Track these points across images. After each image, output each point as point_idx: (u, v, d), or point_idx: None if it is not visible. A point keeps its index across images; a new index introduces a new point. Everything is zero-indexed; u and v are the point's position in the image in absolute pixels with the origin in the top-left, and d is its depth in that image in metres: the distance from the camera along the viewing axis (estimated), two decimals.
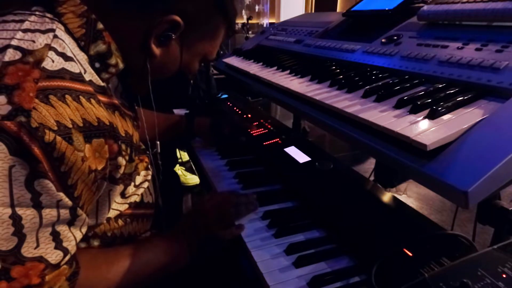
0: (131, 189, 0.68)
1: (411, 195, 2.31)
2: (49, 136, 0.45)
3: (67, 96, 0.48)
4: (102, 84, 0.59)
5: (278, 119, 1.37)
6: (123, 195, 0.67)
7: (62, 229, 0.50)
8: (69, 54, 0.52)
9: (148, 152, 0.82)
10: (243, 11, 6.00)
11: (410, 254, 0.61)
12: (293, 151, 1.05)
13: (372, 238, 0.67)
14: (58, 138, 0.46)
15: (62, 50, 0.51)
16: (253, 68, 1.14)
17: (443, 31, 0.78)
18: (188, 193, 2.24)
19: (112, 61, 0.60)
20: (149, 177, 0.76)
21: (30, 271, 0.46)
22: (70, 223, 0.52)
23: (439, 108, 0.54)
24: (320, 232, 0.72)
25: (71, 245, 0.52)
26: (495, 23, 0.69)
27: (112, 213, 0.65)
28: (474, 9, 0.72)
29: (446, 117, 0.54)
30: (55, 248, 0.49)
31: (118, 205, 0.66)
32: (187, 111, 1.54)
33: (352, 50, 0.94)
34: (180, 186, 2.13)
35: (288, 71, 0.99)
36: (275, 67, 1.06)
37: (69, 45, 0.53)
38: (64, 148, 0.46)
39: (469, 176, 0.43)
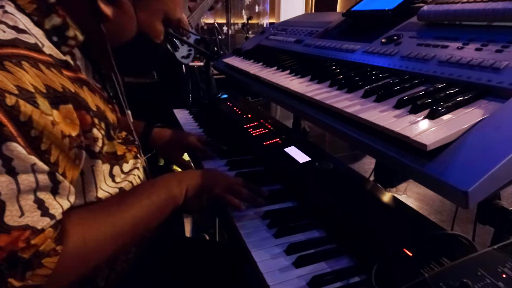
0: (119, 173, 0.69)
1: (411, 195, 2.31)
2: (10, 99, 0.45)
3: (23, 62, 0.48)
4: (64, 58, 0.58)
5: (278, 119, 1.37)
6: (112, 176, 0.67)
7: (46, 197, 0.50)
8: (22, 27, 0.52)
9: (136, 142, 0.83)
10: (243, 11, 6.00)
11: (410, 254, 0.61)
12: (293, 151, 1.05)
13: (372, 238, 0.67)
14: (21, 102, 0.46)
15: (13, 23, 0.51)
16: (253, 68, 1.14)
17: (443, 31, 0.78)
18: None
19: (70, 33, 0.60)
20: (139, 165, 0.77)
21: (16, 239, 0.46)
22: (54, 191, 0.51)
23: (439, 108, 0.54)
24: (320, 232, 0.72)
25: (57, 212, 0.51)
26: (495, 23, 0.69)
27: (101, 194, 0.64)
28: (474, 9, 0.72)
29: (446, 117, 0.54)
30: (42, 215, 0.49)
31: (108, 188, 0.66)
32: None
33: (352, 50, 0.94)
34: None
35: (288, 71, 0.99)
36: (275, 67, 1.06)
37: (22, 20, 0.53)
38: (30, 111, 0.46)
39: (469, 176, 0.43)
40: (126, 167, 0.72)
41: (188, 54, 2.46)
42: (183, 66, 2.49)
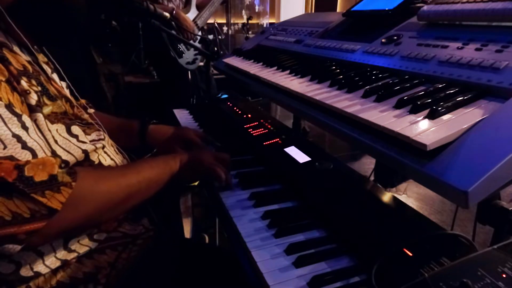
0: (82, 133, 0.73)
1: (411, 195, 2.31)
2: None
3: None
4: None
5: (278, 119, 1.37)
6: (74, 136, 0.71)
7: (22, 133, 0.56)
8: None
9: (100, 125, 0.87)
10: (243, 11, 6.00)
11: (410, 254, 0.61)
12: (293, 151, 1.05)
13: (372, 238, 0.67)
14: None
15: None
16: (253, 68, 1.14)
17: (443, 31, 0.78)
18: (188, 193, 2.24)
19: None
20: (103, 137, 0.82)
21: (4, 166, 0.51)
22: (23, 126, 0.57)
23: (439, 108, 0.54)
24: (320, 232, 0.72)
25: (34, 145, 0.57)
26: (495, 23, 0.69)
27: (62, 153, 0.67)
28: (474, 9, 0.72)
29: (446, 117, 0.54)
30: (22, 148, 0.55)
31: (72, 146, 0.70)
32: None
33: (352, 50, 0.94)
34: (178, 186, 2.13)
35: (288, 71, 0.99)
36: (275, 67, 1.06)
37: None
38: None
39: (469, 176, 0.43)
40: (89, 138, 0.76)
41: (194, 59, 2.43)
42: (189, 72, 2.47)
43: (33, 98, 0.62)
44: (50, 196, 0.55)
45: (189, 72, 2.47)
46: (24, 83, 0.61)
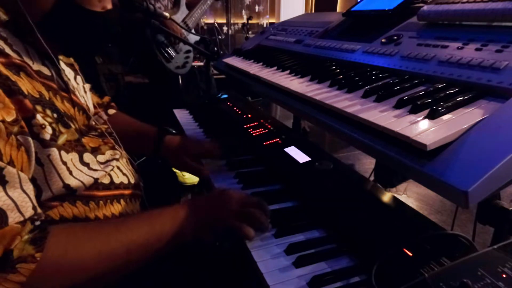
0: (94, 160, 0.67)
1: (411, 195, 2.31)
2: None
3: None
4: None
5: (278, 119, 1.37)
6: (85, 164, 0.65)
7: None
8: None
9: (113, 134, 0.82)
10: (243, 11, 6.00)
11: (410, 254, 0.61)
12: (293, 151, 1.05)
13: (372, 238, 0.67)
14: None
15: None
16: (253, 68, 1.14)
17: (443, 31, 0.78)
18: (188, 193, 2.24)
19: None
20: (118, 156, 0.76)
21: None
22: (0, 180, 0.48)
23: (439, 108, 0.54)
24: (320, 232, 0.72)
25: (5, 205, 0.47)
26: (495, 23, 0.69)
27: (75, 182, 0.61)
28: (474, 9, 0.72)
29: (446, 117, 0.54)
30: None
31: (83, 175, 0.63)
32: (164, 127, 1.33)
33: (352, 50, 0.94)
34: (178, 185, 2.13)
35: (288, 71, 0.99)
36: (275, 67, 1.06)
37: None
38: None
39: (469, 176, 0.43)
40: (102, 158, 0.70)
41: (185, 63, 2.36)
42: (179, 76, 2.39)
43: (48, 132, 0.57)
44: (1, 279, 0.45)
45: (179, 76, 2.40)
46: (39, 117, 0.56)
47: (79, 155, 0.65)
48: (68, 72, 0.80)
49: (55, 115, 0.61)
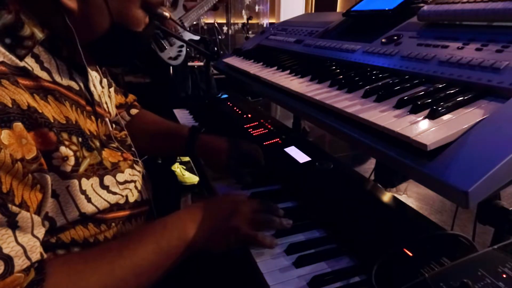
0: (113, 182, 0.63)
1: (411, 195, 2.31)
2: None
3: None
4: (21, 64, 0.52)
5: (278, 119, 1.37)
6: (105, 187, 0.61)
7: (1, 232, 0.43)
8: None
9: (133, 149, 0.79)
10: (243, 11, 6.00)
11: (410, 254, 0.61)
12: (293, 151, 1.05)
13: (372, 238, 0.67)
14: None
15: None
16: (253, 68, 1.14)
17: (443, 31, 0.78)
18: (188, 193, 2.24)
19: (26, 32, 0.52)
20: (136, 178, 0.73)
21: None
22: (12, 225, 0.44)
23: (439, 108, 0.54)
24: (320, 232, 0.72)
25: (14, 251, 0.44)
26: (495, 23, 0.69)
27: (92, 209, 0.58)
28: (474, 9, 0.72)
29: (446, 117, 0.54)
30: None
31: (102, 201, 0.60)
32: (195, 124, 1.32)
33: (352, 50, 0.94)
34: (177, 185, 2.13)
35: (288, 71, 0.99)
36: (275, 67, 1.06)
37: None
38: None
39: (470, 176, 0.43)
40: (121, 177, 0.66)
41: (177, 55, 2.38)
42: (171, 67, 2.42)
43: (70, 164, 0.54)
44: None
45: (171, 67, 2.42)
46: (63, 148, 0.53)
47: (100, 178, 0.61)
48: (95, 76, 0.77)
49: (80, 139, 0.58)
